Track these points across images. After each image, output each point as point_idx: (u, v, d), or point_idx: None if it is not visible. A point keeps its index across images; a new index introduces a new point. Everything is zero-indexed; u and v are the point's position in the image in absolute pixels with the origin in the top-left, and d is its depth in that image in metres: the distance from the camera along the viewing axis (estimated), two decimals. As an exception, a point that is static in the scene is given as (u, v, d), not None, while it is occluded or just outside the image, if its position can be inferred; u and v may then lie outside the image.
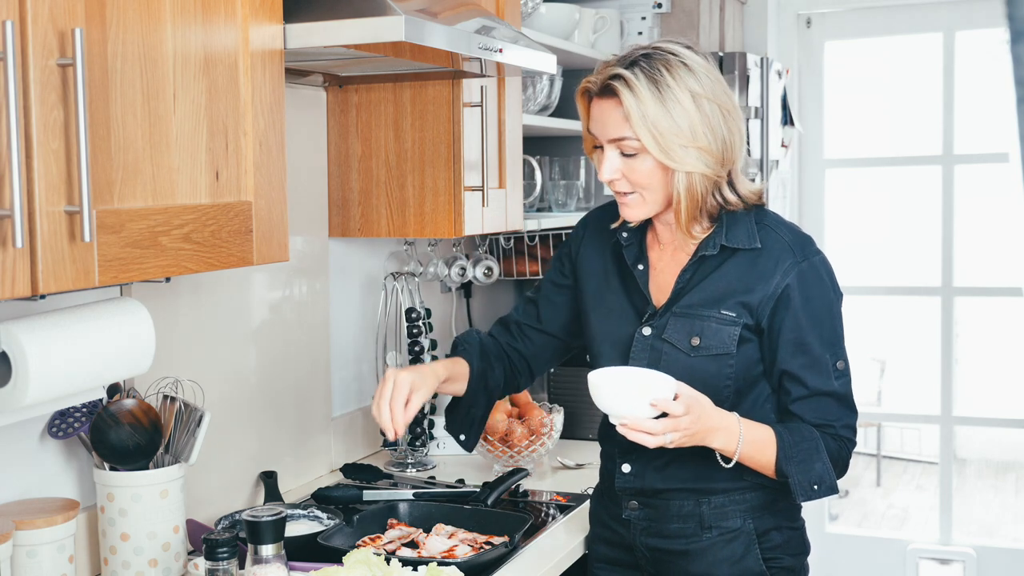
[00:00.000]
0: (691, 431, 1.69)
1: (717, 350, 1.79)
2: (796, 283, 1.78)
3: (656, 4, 3.37)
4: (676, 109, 1.70)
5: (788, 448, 1.77)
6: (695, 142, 1.71)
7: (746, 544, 1.84)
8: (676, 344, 1.80)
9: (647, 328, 1.84)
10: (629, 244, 1.89)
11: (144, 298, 1.83)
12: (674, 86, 1.70)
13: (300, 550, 1.82)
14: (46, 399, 1.50)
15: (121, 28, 1.33)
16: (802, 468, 1.77)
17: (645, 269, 1.88)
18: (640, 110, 1.70)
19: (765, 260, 1.80)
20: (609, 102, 1.75)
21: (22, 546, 1.58)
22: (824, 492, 1.79)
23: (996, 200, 4.93)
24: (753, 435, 1.76)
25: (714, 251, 1.81)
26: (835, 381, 1.81)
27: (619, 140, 1.74)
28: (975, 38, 3.91)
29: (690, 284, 1.82)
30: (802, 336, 1.79)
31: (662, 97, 1.70)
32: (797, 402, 1.81)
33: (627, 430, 1.67)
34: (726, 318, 1.79)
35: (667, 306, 1.83)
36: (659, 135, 1.70)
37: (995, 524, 6.10)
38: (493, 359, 2.00)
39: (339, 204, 2.39)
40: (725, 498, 1.83)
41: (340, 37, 1.68)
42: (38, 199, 1.19)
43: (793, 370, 1.80)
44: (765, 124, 3.37)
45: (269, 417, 2.27)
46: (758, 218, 1.83)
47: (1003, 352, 6.43)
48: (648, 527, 1.88)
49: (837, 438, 1.81)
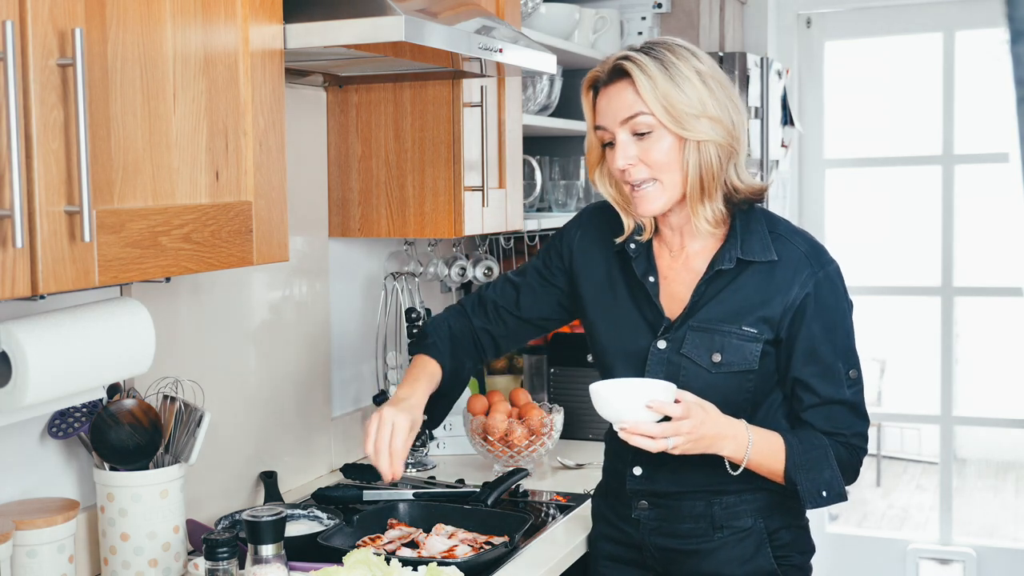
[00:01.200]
0: (695, 436, 1.68)
1: (739, 367, 1.79)
2: (813, 293, 1.79)
3: (656, 4, 3.38)
4: (684, 83, 1.74)
5: (797, 456, 1.77)
6: (705, 112, 1.74)
7: (757, 543, 1.84)
8: (696, 360, 1.80)
9: (662, 342, 1.83)
10: (637, 256, 1.88)
11: (144, 298, 1.83)
12: (679, 63, 1.75)
13: (300, 550, 1.82)
14: (46, 399, 1.50)
15: (121, 28, 1.33)
16: (811, 476, 1.77)
17: (656, 281, 1.86)
18: (649, 83, 1.73)
19: (783, 272, 1.79)
20: (618, 84, 1.77)
21: (22, 546, 1.58)
22: (832, 499, 1.79)
23: (996, 200, 4.93)
24: (762, 443, 1.76)
25: (730, 264, 1.80)
26: (847, 390, 1.81)
27: (631, 118, 1.75)
28: (975, 38, 3.91)
29: (705, 297, 1.81)
30: (816, 345, 1.79)
31: (670, 73, 1.74)
32: (809, 410, 1.81)
33: (628, 435, 1.67)
34: (747, 334, 1.78)
35: (683, 319, 1.82)
36: (670, 106, 1.73)
37: (995, 524, 6.10)
38: (463, 354, 1.99)
39: (339, 204, 2.39)
40: (736, 498, 1.83)
41: (340, 37, 1.68)
42: (38, 199, 1.19)
43: (806, 378, 1.80)
44: (765, 124, 3.37)
45: (269, 417, 2.27)
46: (771, 227, 1.83)
47: (1003, 352, 6.43)
48: (659, 527, 1.88)
49: (848, 446, 1.81)
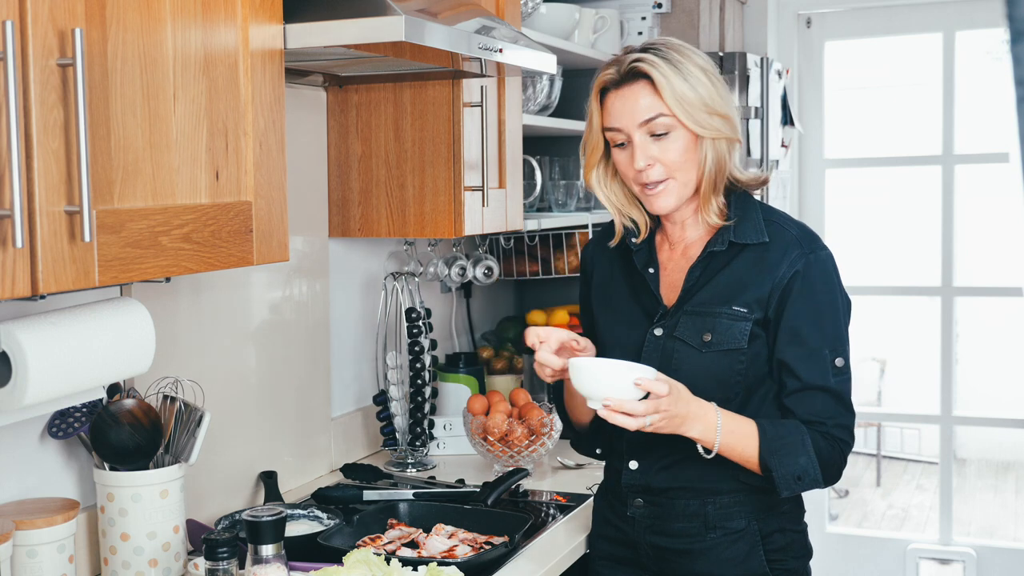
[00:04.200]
0: (670, 414, 1.68)
1: (728, 345, 1.79)
2: (802, 272, 1.80)
3: (656, 4, 3.37)
4: (695, 81, 1.78)
5: (771, 441, 1.76)
6: (716, 108, 1.79)
7: (750, 545, 1.83)
8: (688, 341, 1.81)
9: (658, 328, 1.84)
10: (639, 249, 1.90)
11: (144, 298, 1.83)
12: (686, 62, 1.79)
13: (300, 550, 1.82)
14: (46, 399, 1.50)
15: (121, 28, 1.33)
16: (785, 461, 1.76)
17: (656, 272, 1.89)
18: (669, 84, 1.77)
19: (773, 253, 1.81)
20: (635, 85, 1.79)
21: (22, 546, 1.59)
22: (808, 485, 1.78)
23: (996, 200, 4.94)
24: (732, 426, 1.75)
25: (723, 247, 1.82)
26: (832, 378, 1.79)
27: (651, 120, 1.78)
28: (975, 38, 3.91)
29: (700, 281, 1.83)
30: (800, 325, 1.79)
31: (682, 73, 1.78)
32: (791, 395, 1.80)
33: (609, 412, 1.67)
34: (737, 314, 1.79)
35: (678, 305, 1.84)
36: (688, 105, 1.77)
37: (995, 524, 6.10)
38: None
39: (339, 204, 2.39)
40: (730, 498, 1.83)
41: (340, 37, 1.68)
42: (38, 199, 1.19)
43: (788, 360, 1.79)
44: (765, 124, 3.37)
45: (269, 417, 2.27)
46: (766, 215, 1.86)
47: (1003, 352, 6.43)
48: (653, 525, 1.88)
49: (828, 436, 1.78)
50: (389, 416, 2.52)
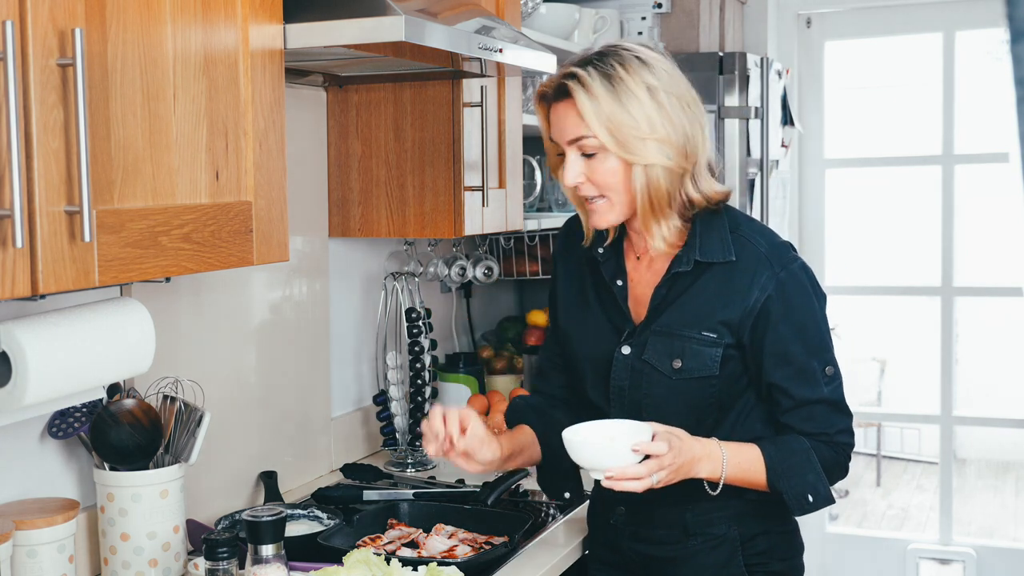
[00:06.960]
0: (675, 466, 1.65)
1: (700, 373, 1.76)
2: (776, 295, 1.74)
3: (656, 4, 3.37)
4: (631, 102, 1.68)
5: (776, 463, 1.74)
6: (653, 133, 1.68)
7: (730, 551, 1.82)
8: (657, 366, 1.77)
9: (626, 347, 1.81)
10: (607, 260, 1.85)
11: (144, 298, 1.83)
12: (628, 79, 1.68)
13: (300, 550, 1.82)
14: (46, 399, 1.50)
15: (121, 28, 1.33)
16: (793, 482, 1.74)
17: (624, 285, 1.84)
18: (593, 106, 1.68)
19: (741, 275, 1.75)
20: (565, 103, 1.72)
21: (22, 546, 1.58)
22: (820, 504, 1.77)
23: (996, 200, 4.94)
24: (738, 457, 1.73)
25: (688, 267, 1.77)
26: (825, 388, 1.77)
27: (578, 140, 1.71)
28: (975, 38, 3.92)
29: (666, 301, 1.79)
30: (785, 348, 1.75)
31: (615, 91, 1.67)
32: (787, 413, 1.78)
33: (614, 482, 1.63)
34: (707, 339, 1.75)
35: (645, 323, 1.80)
36: (615, 129, 1.67)
37: (995, 524, 6.10)
38: (548, 415, 1.94)
39: (339, 204, 2.39)
40: (710, 504, 1.80)
41: (340, 37, 1.68)
42: (38, 199, 1.19)
43: (779, 382, 1.77)
44: (765, 124, 3.36)
45: (269, 417, 2.27)
46: (732, 225, 1.79)
47: (1003, 352, 6.44)
48: (635, 532, 1.88)
49: (832, 444, 1.78)
50: (389, 416, 2.52)
